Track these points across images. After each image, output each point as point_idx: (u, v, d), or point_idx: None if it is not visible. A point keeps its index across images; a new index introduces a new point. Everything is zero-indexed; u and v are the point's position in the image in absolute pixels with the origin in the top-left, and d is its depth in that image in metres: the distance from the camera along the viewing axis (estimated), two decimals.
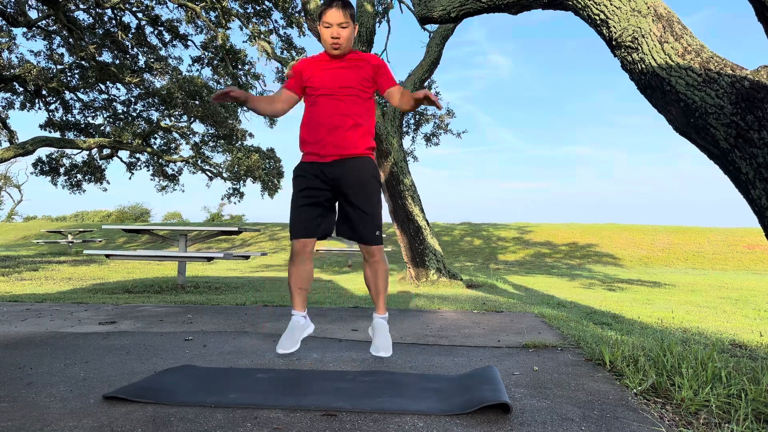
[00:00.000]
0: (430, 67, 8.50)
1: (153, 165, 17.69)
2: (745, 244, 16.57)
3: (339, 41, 2.41)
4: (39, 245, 19.14)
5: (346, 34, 2.42)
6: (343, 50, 2.45)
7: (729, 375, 2.15)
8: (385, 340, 2.43)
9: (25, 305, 4.55)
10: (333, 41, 2.41)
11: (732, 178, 2.57)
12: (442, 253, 7.55)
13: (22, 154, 13.91)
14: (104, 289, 6.31)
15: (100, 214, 44.48)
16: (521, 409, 1.85)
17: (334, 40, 2.41)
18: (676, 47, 2.70)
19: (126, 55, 14.95)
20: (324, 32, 2.43)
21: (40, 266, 10.11)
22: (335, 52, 2.44)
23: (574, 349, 2.87)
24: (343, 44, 2.43)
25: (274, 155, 17.52)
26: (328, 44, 2.44)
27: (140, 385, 2.04)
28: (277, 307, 4.53)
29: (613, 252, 16.49)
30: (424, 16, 3.79)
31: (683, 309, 5.87)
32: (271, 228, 20.96)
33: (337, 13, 2.40)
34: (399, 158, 7.51)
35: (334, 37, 2.40)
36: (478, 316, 4.14)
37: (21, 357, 2.59)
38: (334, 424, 1.69)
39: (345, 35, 2.42)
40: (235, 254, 6.16)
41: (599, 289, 8.26)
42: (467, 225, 21.64)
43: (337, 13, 2.40)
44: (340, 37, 2.41)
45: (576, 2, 3.08)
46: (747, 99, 2.41)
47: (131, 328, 3.47)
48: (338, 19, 2.40)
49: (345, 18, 2.41)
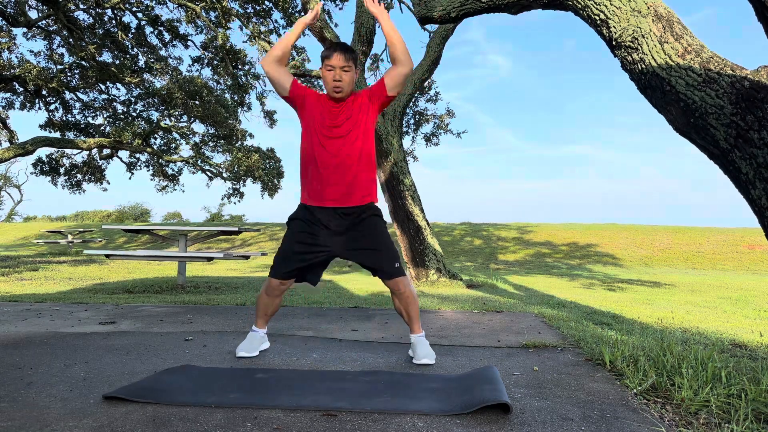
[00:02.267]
0: (430, 67, 8.50)
1: (153, 165, 17.69)
2: (745, 244, 16.57)
3: (341, 84, 2.49)
4: (39, 245, 19.15)
5: (348, 78, 2.51)
6: (344, 93, 2.53)
7: (729, 375, 2.15)
8: (427, 348, 2.56)
9: (25, 305, 4.55)
10: (335, 84, 2.49)
11: (732, 178, 2.57)
12: (442, 253, 7.55)
13: (22, 154, 13.90)
14: (104, 289, 6.31)
15: (100, 214, 44.47)
16: (521, 409, 1.85)
17: (336, 83, 2.49)
18: (676, 47, 2.70)
19: (126, 55, 14.94)
20: (326, 75, 2.51)
21: (40, 266, 10.10)
22: (337, 95, 2.52)
23: (574, 349, 2.87)
24: (345, 87, 2.51)
25: (274, 155, 17.52)
26: (330, 87, 2.52)
27: (140, 385, 2.04)
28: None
29: (613, 252, 16.49)
30: (424, 16, 3.79)
31: (683, 309, 5.86)
32: (271, 228, 20.96)
33: (340, 57, 2.49)
34: (399, 158, 7.51)
35: (336, 80, 2.49)
36: (478, 316, 4.14)
37: (21, 357, 2.59)
38: (334, 424, 1.69)
39: (347, 79, 2.50)
40: (235, 254, 6.16)
41: (599, 289, 8.26)
42: (467, 225, 21.64)
43: (340, 57, 2.49)
44: (342, 81, 2.49)
45: (576, 2, 3.08)
46: (747, 99, 2.41)
47: (131, 328, 3.47)
48: (341, 62, 2.49)
49: (347, 62, 2.50)
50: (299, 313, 4.18)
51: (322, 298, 5.27)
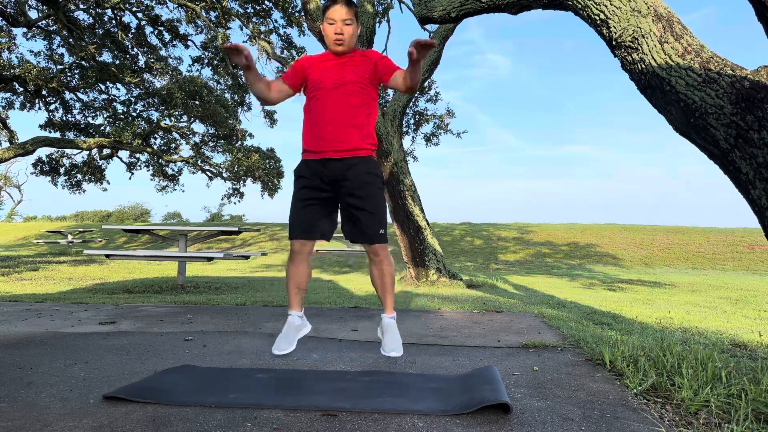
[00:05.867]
0: (431, 66, 8.51)
1: (153, 165, 17.68)
2: (745, 244, 16.56)
3: (342, 37, 2.40)
4: (39, 245, 19.14)
5: (349, 31, 2.41)
6: (346, 46, 2.43)
7: (729, 375, 2.15)
8: (396, 340, 2.39)
9: (25, 305, 4.55)
10: (337, 37, 2.40)
11: (732, 178, 2.57)
12: (442, 253, 7.54)
13: (22, 154, 13.90)
14: (104, 289, 6.30)
15: (100, 214, 44.45)
16: (521, 409, 1.85)
17: (338, 35, 2.40)
18: (676, 47, 2.70)
19: (126, 55, 14.94)
20: (327, 29, 2.42)
21: (40, 266, 10.10)
22: (338, 48, 2.43)
23: (574, 349, 2.87)
24: (347, 40, 2.42)
25: (274, 155, 17.50)
26: (331, 40, 2.43)
27: (140, 385, 2.04)
28: (277, 307, 4.54)
29: (613, 252, 16.49)
30: (424, 16, 3.79)
31: (683, 309, 5.86)
32: (271, 228, 20.96)
33: (342, 10, 2.40)
34: (399, 158, 7.51)
35: (337, 32, 2.40)
36: (478, 316, 4.14)
37: (21, 357, 2.59)
38: (334, 424, 1.69)
39: (349, 32, 2.41)
40: (235, 254, 6.16)
41: (599, 289, 8.26)
42: (467, 225, 21.64)
43: (342, 10, 2.40)
44: (344, 33, 2.40)
45: (576, 2, 3.08)
46: (747, 99, 2.40)
47: (131, 328, 3.47)
48: (342, 15, 2.40)
49: (349, 15, 2.41)
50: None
51: (322, 298, 5.27)
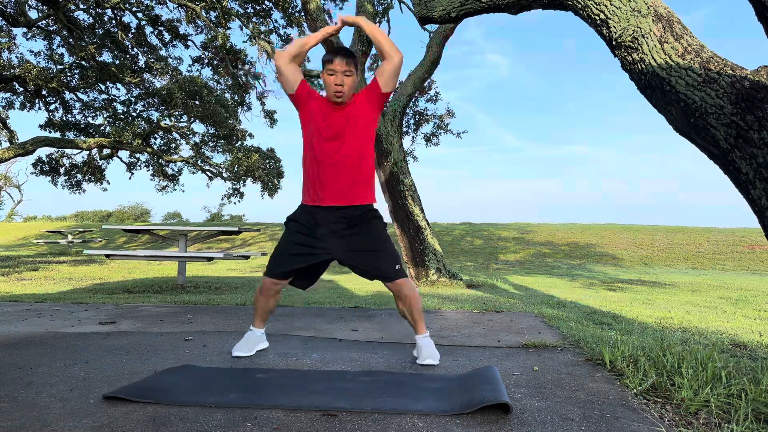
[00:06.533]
0: (431, 66, 8.50)
1: (153, 165, 17.67)
2: (745, 244, 16.56)
3: (342, 89, 2.50)
4: (39, 245, 19.14)
5: (349, 83, 2.51)
6: (345, 98, 2.53)
7: (729, 375, 2.15)
8: (432, 350, 2.55)
9: (25, 305, 4.55)
10: (336, 89, 2.49)
11: (732, 178, 2.57)
12: (442, 253, 7.54)
13: (22, 154, 13.90)
14: (104, 289, 6.30)
15: (100, 214, 44.44)
16: (521, 409, 1.85)
17: (338, 87, 2.49)
18: (676, 47, 2.70)
19: (126, 55, 14.93)
20: (328, 79, 2.52)
21: (40, 266, 10.10)
22: (338, 100, 2.52)
23: (574, 349, 2.87)
24: (346, 92, 2.51)
25: (274, 155, 17.49)
26: (331, 92, 2.52)
27: (140, 385, 2.04)
28: (277, 307, 4.54)
29: (613, 252, 16.49)
30: (424, 16, 3.79)
31: (683, 309, 5.86)
32: (271, 228, 20.96)
33: (342, 62, 2.50)
34: (399, 158, 7.51)
35: (337, 84, 2.49)
36: (478, 316, 4.14)
37: (21, 357, 2.59)
38: (334, 424, 1.69)
39: (348, 83, 2.51)
40: (235, 254, 6.16)
41: (599, 289, 8.26)
42: (467, 225, 21.64)
43: (342, 62, 2.50)
44: (344, 85, 2.50)
45: (576, 2, 3.07)
46: (747, 99, 2.40)
47: (131, 328, 3.47)
48: (343, 67, 2.49)
49: (349, 67, 2.50)
50: (299, 313, 4.18)
51: (322, 298, 5.27)
